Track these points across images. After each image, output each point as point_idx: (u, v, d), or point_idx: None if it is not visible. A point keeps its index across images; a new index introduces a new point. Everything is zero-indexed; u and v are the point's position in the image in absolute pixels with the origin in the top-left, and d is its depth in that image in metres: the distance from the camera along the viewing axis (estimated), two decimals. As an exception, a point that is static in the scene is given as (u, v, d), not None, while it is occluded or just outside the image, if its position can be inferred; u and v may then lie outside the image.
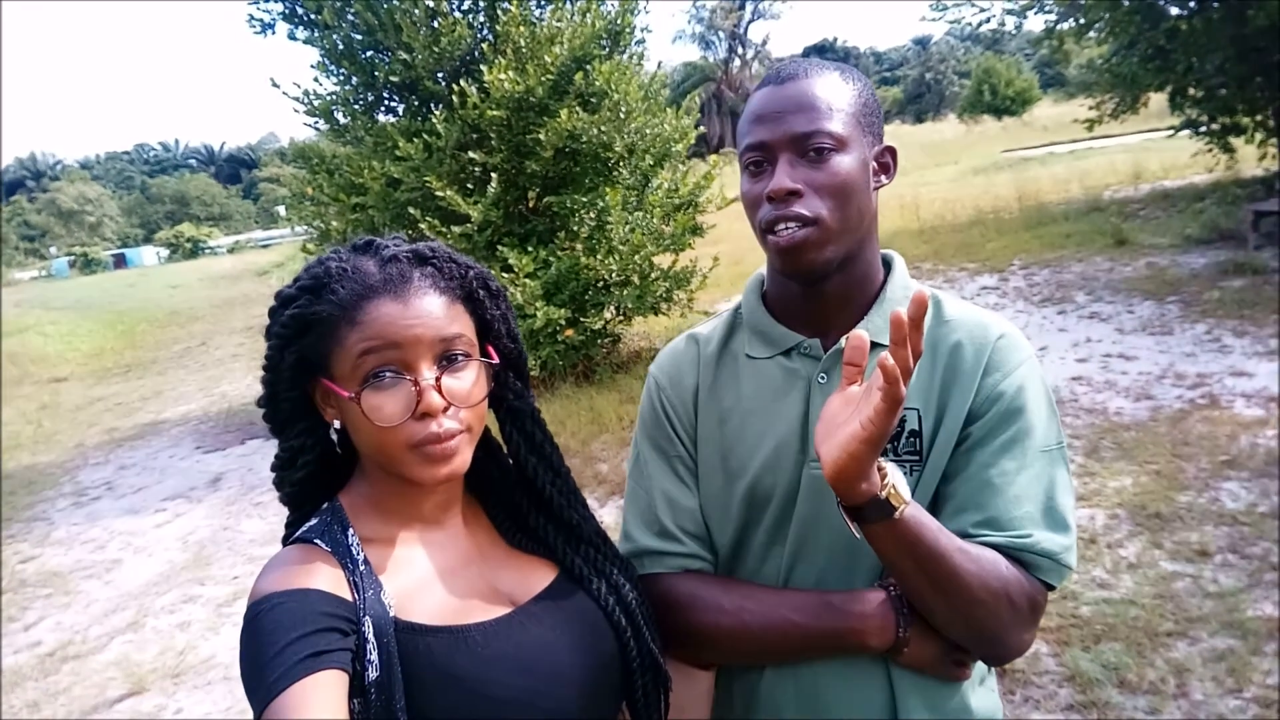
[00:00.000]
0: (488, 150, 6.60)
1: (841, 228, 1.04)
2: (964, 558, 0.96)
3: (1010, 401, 1.04)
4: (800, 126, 1.02)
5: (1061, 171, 14.94)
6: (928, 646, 1.03)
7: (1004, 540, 1.00)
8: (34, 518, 6.56)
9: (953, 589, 0.96)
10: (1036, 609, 1.00)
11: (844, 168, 1.03)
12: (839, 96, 1.05)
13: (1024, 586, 0.99)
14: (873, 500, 0.91)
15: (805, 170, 1.03)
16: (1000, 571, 0.97)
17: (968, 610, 0.97)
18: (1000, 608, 0.97)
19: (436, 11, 6.68)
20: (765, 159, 1.05)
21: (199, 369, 12.61)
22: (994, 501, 1.02)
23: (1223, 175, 10.97)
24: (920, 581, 0.97)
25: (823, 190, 1.02)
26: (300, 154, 7.77)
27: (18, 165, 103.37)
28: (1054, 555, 1.01)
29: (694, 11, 47.31)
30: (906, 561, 0.95)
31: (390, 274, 0.93)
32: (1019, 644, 1.02)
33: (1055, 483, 1.04)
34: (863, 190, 1.05)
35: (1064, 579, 1.03)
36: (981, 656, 1.06)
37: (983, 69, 38.78)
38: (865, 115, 1.07)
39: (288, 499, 1.00)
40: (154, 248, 60.04)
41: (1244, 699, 2.60)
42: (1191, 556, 3.39)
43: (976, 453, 1.04)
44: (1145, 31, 9.82)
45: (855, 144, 1.05)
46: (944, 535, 0.96)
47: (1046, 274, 8.41)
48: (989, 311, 1.13)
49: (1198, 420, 4.63)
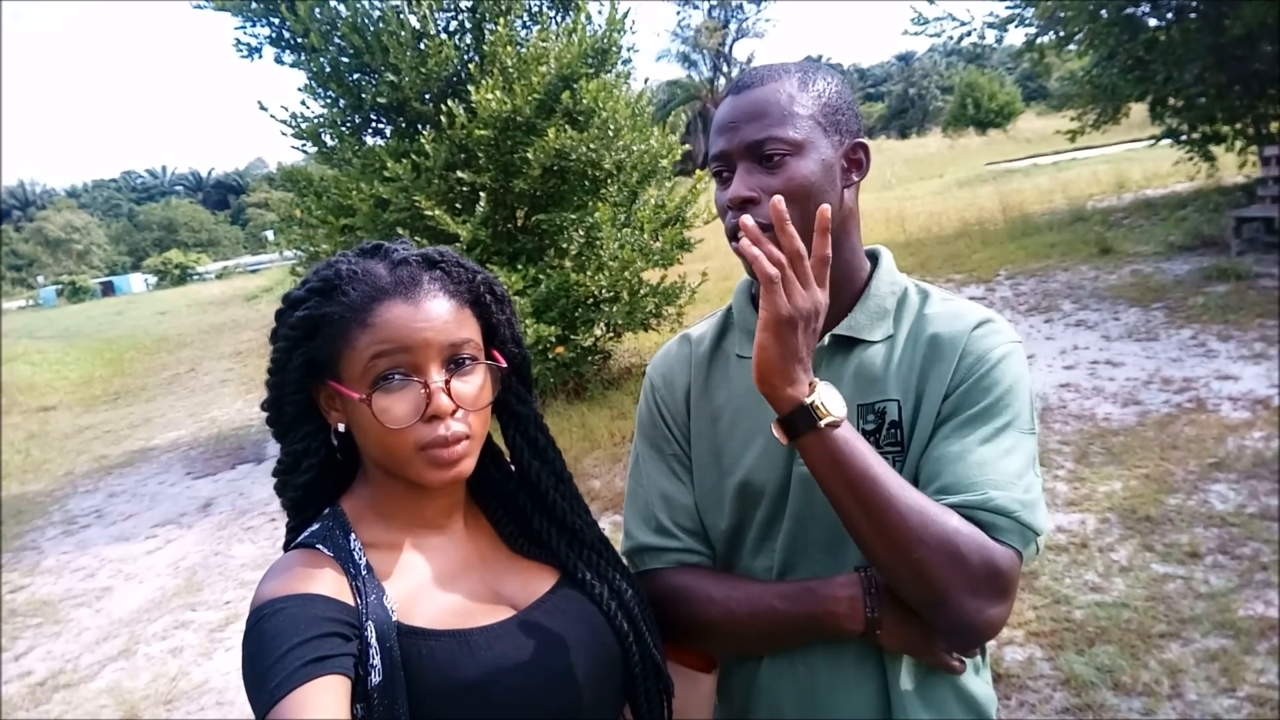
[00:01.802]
0: (476, 170, 6.61)
1: (801, 231, 1.04)
2: (902, 490, 0.95)
3: (981, 380, 1.05)
4: (753, 134, 1.03)
5: (1045, 182, 15.05)
6: (907, 630, 1.03)
7: (958, 499, 0.98)
8: (23, 547, 6.50)
9: (889, 523, 0.94)
10: (995, 574, 0.95)
11: (800, 171, 1.03)
12: (795, 100, 1.05)
13: (978, 543, 0.94)
14: (800, 408, 0.94)
15: (761, 176, 1.04)
16: (949, 521, 0.94)
17: (906, 552, 0.94)
18: (944, 559, 0.93)
19: (423, 33, 6.71)
20: (727, 168, 1.07)
21: (188, 395, 12.54)
22: (952, 468, 1.00)
23: (1204, 183, 11.07)
24: (856, 511, 0.96)
25: (778, 195, 1.02)
26: (288, 177, 7.76)
27: (5, 194, 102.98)
28: (1011, 512, 0.96)
29: (679, 32, 47.70)
30: (838, 484, 0.96)
31: (401, 276, 0.94)
32: (976, 613, 0.95)
33: (1019, 457, 1.01)
34: (824, 191, 1.05)
35: (1029, 542, 0.98)
36: (940, 627, 1.00)
37: (966, 83, 39.06)
38: (828, 115, 1.07)
39: (290, 504, 1.00)
40: (142, 275, 59.71)
41: (1238, 698, 2.62)
42: (1182, 558, 3.42)
43: (943, 428, 1.05)
44: (1124, 43, 9.94)
45: (814, 146, 1.04)
46: (881, 465, 0.96)
47: (1032, 283, 8.47)
48: (975, 304, 1.14)
49: (1185, 424, 4.67)
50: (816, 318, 0.94)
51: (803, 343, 0.94)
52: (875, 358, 1.10)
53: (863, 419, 1.08)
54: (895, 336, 1.11)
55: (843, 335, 1.11)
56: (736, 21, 48.13)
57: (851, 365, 1.10)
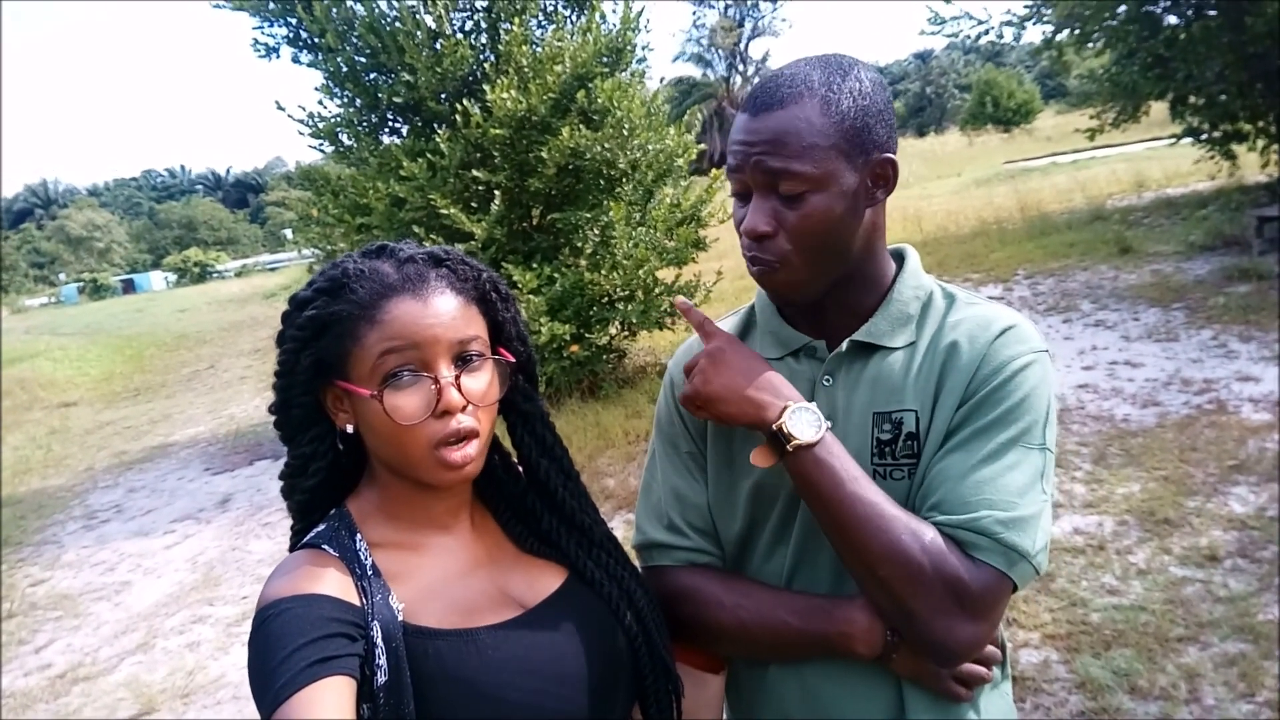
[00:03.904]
0: (491, 169, 6.63)
1: (813, 266, 1.03)
2: (873, 509, 0.95)
3: (995, 391, 1.01)
4: (772, 165, 0.99)
5: (1064, 181, 14.92)
6: (922, 658, 1.02)
7: (944, 519, 0.96)
8: (44, 541, 6.58)
9: (856, 542, 0.96)
10: (962, 594, 0.93)
11: (819, 208, 0.99)
12: (815, 129, 0.98)
13: (941, 563, 0.93)
14: (771, 434, 1.00)
15: (778, 208, 1.00)
16: (917, 540, 0.94)
17: (872, 569, 0.96)
18: (903, 577, 0.93)
19: (439, 33, 6.74)
20: (742, 189, 1.05)
21: (207, 392, 12.65)
22: (947, 485, 0.98)
23: (1225, 182, 10.95)
24: (829, 530, 1.00)
25: (794, 231, 1.00)
26: (306, 176, 7.82)
27: (28, 193, 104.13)
28: (992, 533, 0.94)
29: (694, 31, 47.58)
30: (813, 503, 1.00)
31: (408, 274, 0.94)
32: (945, 633, 0.94)
33: (1022, 473, 0.97)
34: (844, 222, 1.01)
35: (1014, 563, 0.94)
36: (913, 643, 0.99)
37: (984, 81, 38.84)
38: (853, 138, 0.99)
39: (298, 507, 1.00)
40: (162, 273, 60.34)
41: (1256, 703, 2.59)
42: (1201, 561, 3.38)
43: (950, 439, 1.02)
44: (1144, 41, 9.84)
45: (835, 177, 0.99)
46: (853, 484, 0.97)
47: (1051, 283, 8.40)
48: (1003, 308, 1.09)
49: (1205, 425, 4.62)
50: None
51: (752, 373, 1.04)
52: (895, 365, 1.07)
53: (878, 427, 1.05)
54: (917, 344, 1.08)
55: (862, 341, 1.09)
56: (752, 20, 47.98)
57: (870, 372, 1.08)
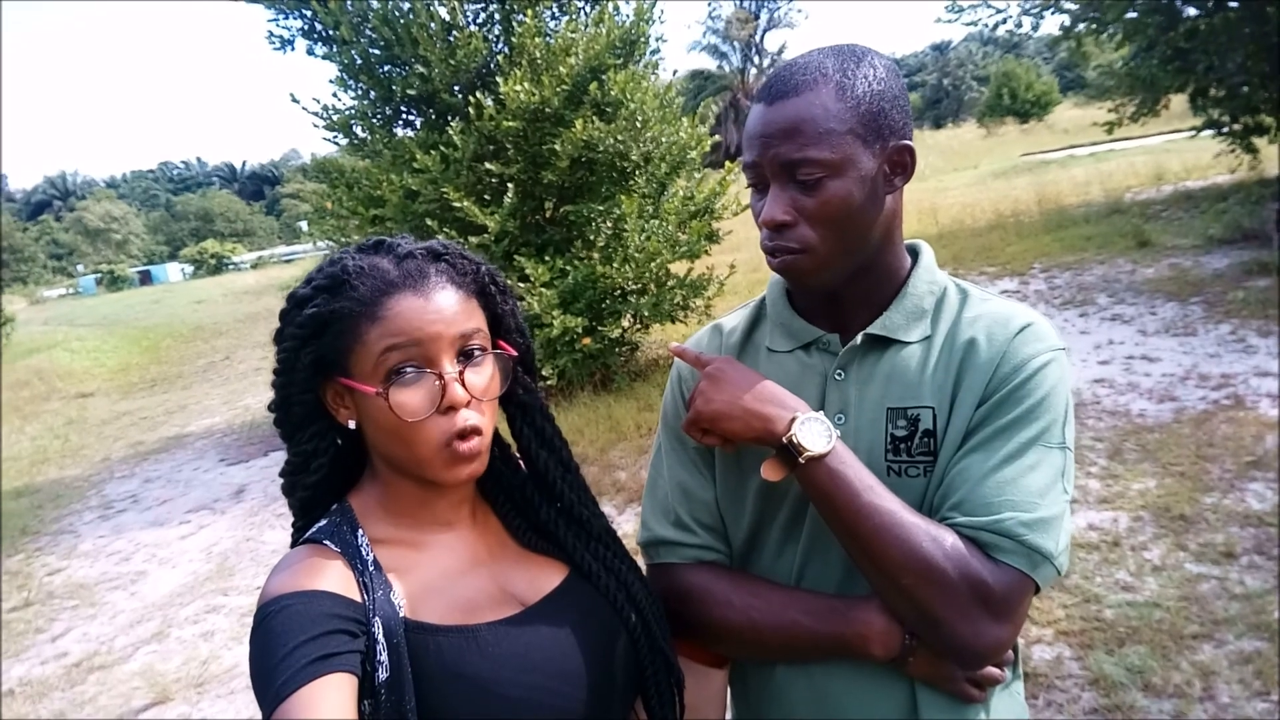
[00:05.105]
0: (504, 161, 6.64)
1: (837, 251, 1.02)
2: (891, 517, 0.95)
3: (1015, 390, 1.00)
4: (787, 154, 0.98)
5: (1081, 174, 14.80)
6: (937, 660, 1.01)
7: (965, 520, 0.96)
8: (61, 530, 6.65)
9: (875, 552, 0.95)
10: (987, 596, 0.93)
11: (838, 193, 0.98)
12: (831, 114, 0.97)
13: (970, 567, 0.93)
14: (781, 448, 0.99)
15: (797, 196, 1.00)
16: (939, 545, 0.93)
17: (895, 579, 0.95)
18: (928, 583, 0.93)
19: (452, 25, 6.74)
20: (759, 181, 1.04)
21: (223, 383, 12.74)
22: (969, 487, 0.98)
23: (1246, 175, 10.82)
24: (845, 539, 0.99)
25: (814, 218, 1.00)
26: (320, 168, 7.86)
27: (46, 185, 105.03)
28: (1015, 535, 0.94)
29: (709, 23, 47.38)
30: (827, 513, 0.99)
31: (408, 270, 0.93)
32: (974, 637, 0.94)
33: (1042, 473, 0.97)
34: (864, 208, 1.01)
35: (1037, 564, 0.94)
36: (938, 650, 0.99)
37: (1002, 73, 38.46)
38: (868, 123, 0.99)
39: (299, 504, 0.99)
40: (179, 264, 60.74)
41: (1271, 701, 2.56)
42: (1217, 558, 3.35)
43: (971, 439, 1.01)
44: (1164, 33, 9.73)
45: (853, 162, 0.98)
46: (869, 494, 0.96)
47: (1067, 276, 8.33)
48: (1019, 305, 1.08)
49: (1222, 421, 4.57)
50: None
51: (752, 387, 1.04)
52: (910, 360, 1.06)
53: (893, 423, 1.04)
54: (932, 338, 1.07)
55: (876, 334, 1.08)
56: (768, 12, 47.77)
57: (884, 366, 1.07)
